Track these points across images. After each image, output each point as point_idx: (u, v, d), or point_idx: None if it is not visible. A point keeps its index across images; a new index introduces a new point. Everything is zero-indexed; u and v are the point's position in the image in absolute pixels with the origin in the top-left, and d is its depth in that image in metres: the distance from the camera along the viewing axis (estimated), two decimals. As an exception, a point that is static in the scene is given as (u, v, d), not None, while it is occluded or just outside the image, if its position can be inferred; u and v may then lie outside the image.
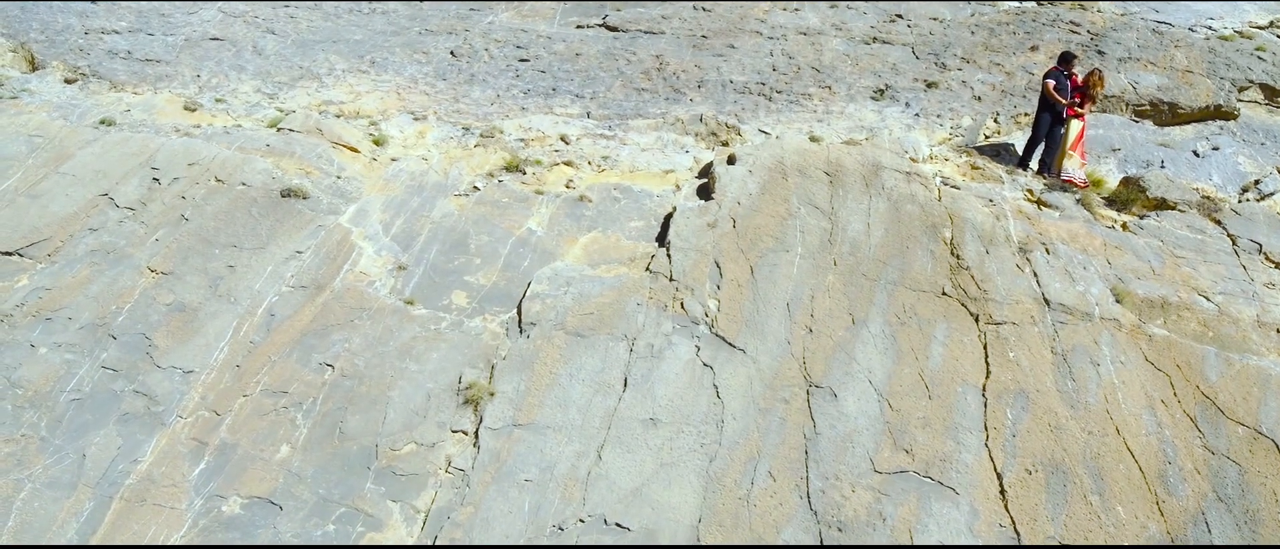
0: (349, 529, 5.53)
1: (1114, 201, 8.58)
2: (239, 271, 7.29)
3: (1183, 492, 5.77)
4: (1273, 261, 7.69)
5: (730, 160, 8.68)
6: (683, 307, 6.98)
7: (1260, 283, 7.36)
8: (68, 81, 10.64)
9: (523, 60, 12.05)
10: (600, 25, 13.25)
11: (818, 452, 5.96)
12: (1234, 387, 6.35)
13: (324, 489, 5.73)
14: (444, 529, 5.52)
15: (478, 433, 6.10)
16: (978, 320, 6.83)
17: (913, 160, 8.77)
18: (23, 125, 9.05)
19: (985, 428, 6.10)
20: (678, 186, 8.91)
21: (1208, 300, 7.09)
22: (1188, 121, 10.35)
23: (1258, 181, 9.34)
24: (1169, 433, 6.08)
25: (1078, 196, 8.55)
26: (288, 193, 8.11)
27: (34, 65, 11.20)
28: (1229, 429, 6.09)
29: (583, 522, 5.55)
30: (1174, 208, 8.34)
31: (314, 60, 11.78)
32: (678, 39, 12.59)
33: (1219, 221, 8.15)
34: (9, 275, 7.12)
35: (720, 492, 5.73)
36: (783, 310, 6.94)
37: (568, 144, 9.80)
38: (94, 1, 13.16)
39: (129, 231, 7.62)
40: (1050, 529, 5.56)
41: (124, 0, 13.25)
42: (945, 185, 8.49)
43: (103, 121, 9.40)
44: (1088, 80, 9.43)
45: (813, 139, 9.55)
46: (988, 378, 6.42)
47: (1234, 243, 7.87)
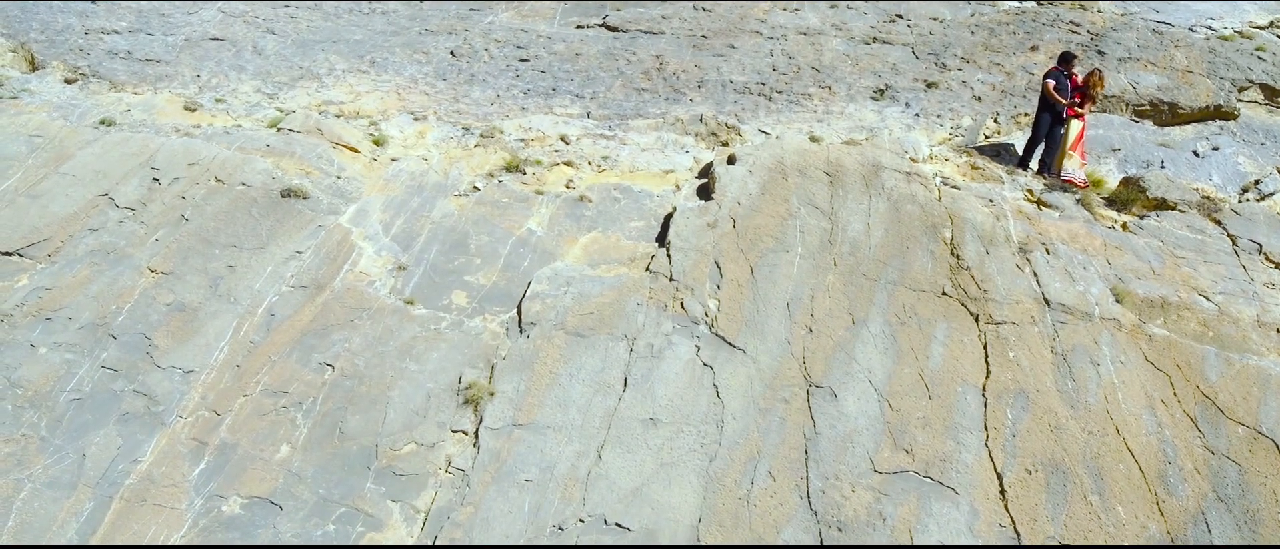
0: (349, 529, 5.54)
1: (1114, 201, 8.58)
2: (239, 271, 7.29)
3: (1183, 492, 5.77)
4: (1273, 262, 7.69)
5: (730, 160, 8.68)
6: (683, 306, 6.98)
7: (1260, 283, 7.36)
8: (68, 81, 10.64)
9: (523, 60, 12.05)
10: (600, 25, 13.25)
11: (818, 451, 5.96)
12: (1234, 387, 6.35)
13: (324, 489, 5.73)
14: (444, 529, 5.52)
15: (478, 433, 6.10)
16: (978, 320, 6.83)
17: (913, 160, 8.77)
18: (23, 125, 9.05)
19: (985, 428, 6.10)
20: (678, 186, 8.91)
21: (1208, 300, 7.09)
22: (1188, 121, 10.35)
23: (1258, 181, 9.34)
24: (1169, 433, 6.08)
25: (1078, 196, 8.55)
26: (288, 193, 8.11)
27: (34, 65, 11.20)
28: (1229, 429, 6.09)
29: (583, 522, 5.55)
30: (1174, 208, 8.34)
31: (314, 60, 11.78)
32: (678, 39, 12.59)
33: (1219, 221, 8.15)
34: (9, 275, 7.12)
35: (720, 492, 5.73)
36: (783, 310, 6.94)
37: (568, 144, 9.80)
38: (94, 1, 13.16)
39: (129, 231, 7.62)
40: (1050, 529, 5.56)
41: (124, 0, 13.26)
42: (945, 185, 8.49)
43: (103, 121, 9.41)
44: (1088, 80, 9.43)
45: (813, 139, 9.55)
46: (988, 378, 6.42)
47: (1234, 243, 7.87)
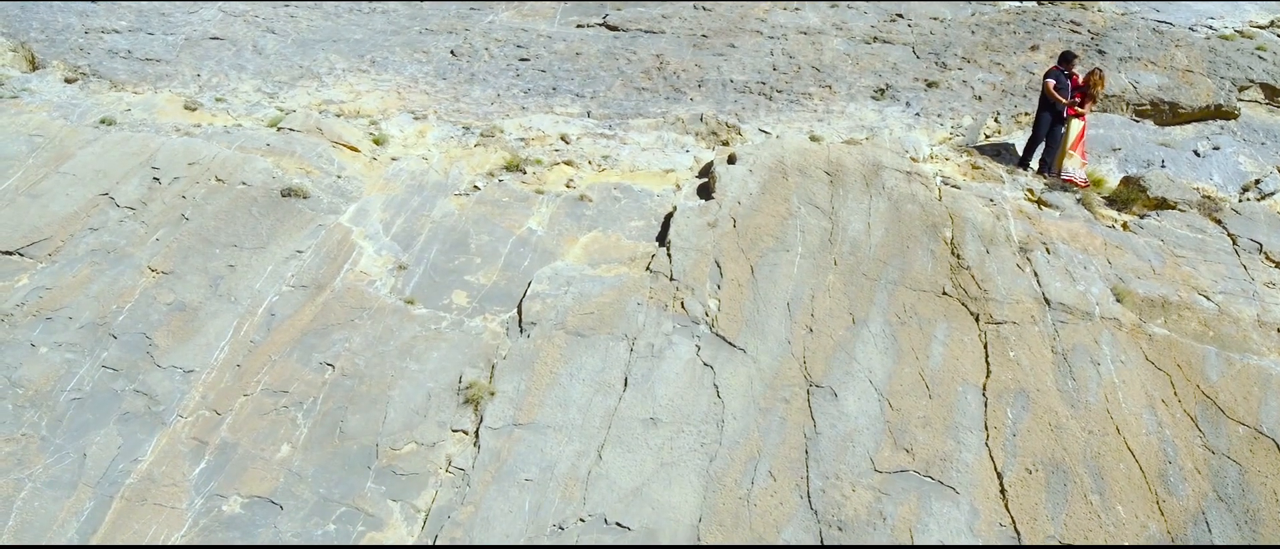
0: (349, 528, 5.54)
1: (1114, 201, 8.58)
2: (239, 271, 7.29)
3: (1183, 491, 5.77)
4: (1273, 261, 7.69)
5: (731, 160, 8.68)
6: (683, 306, 6.98)
7: (1261, 282, 7.35)
8: (68, 81, 10.64)
9: (523, 59, 12.05)
10: (600, 24, 13.25)
11: (818, 451, 5.96)
12: (1234, 386, 6.34)
13: (324, 488, 5.74)
14: (444, 528, 5.52)
15: (478, 432, 6.10)
16: (978, 320, 6.83)
17: (913, 160, 8.77)
18: (23, 125, 9.05)
19: (985, 427, 6.10)
20: (678, 186, 8.90)
21: (1208, 300, 7.08)
22: (1188, 121, 10.35)
23: (1258, 181, 9.34)
24: (1169, 432, 6.08)
25: (1078, 196, 8.55)
26: (288, 192, 8.11)
27: (34, 65, 11.20)
28: (1229, 429, 6.09)
29: (583, 521, 5.55)
30: (1174, 207, 8.34)
31: (314, 59, 11.78)
32: (678, 38, 12.59)
33: (1219, 221, 8.15)
34: (9, 275, 7.12)
35: (720, 491, 5.73)
36: (783, 310, 6.94)
37: (568, 143, 9.80)
38: (94, 1, 13.16)
39: (129, 231, 7.62)
40: (1050, 528, 5.56)
41: (124, 0, 13.25)
42: (946, 185, 8.49)
43: (103, 121, 9.41)
44: (1088, 80, 9.43)
45: (813, 138, 9.55)
46: (988, 377, 6.42)
47: (1234, 242, 7.87)
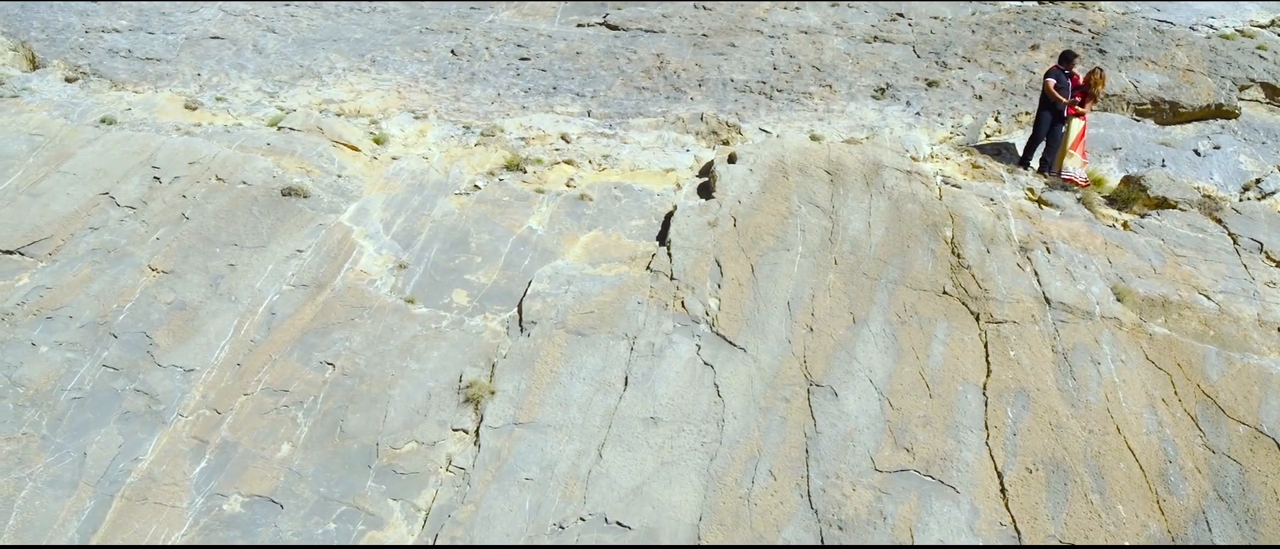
0: (350, 528, 5.54)
1: (1115, 200, 8.57)
2: (240, 270, 7.29)
3: (1183, 491, 5.77)
4: (1274, 260, 7.68)
5: (731, 159, 8.68)
6: (683, 305, 6.98)
7: (1261, 281, 7.35)
8: (68, 80, 10.64)
9: (523, 59, 12.05)
10: (601, 24, 13.25)
11: (818, 450, 5.96)
12: (1235, 385, 6.34)
13: (325, 487, 5.74)
14: (445, 528, 5.52)
15: (478, 431, 6.11)
16: (978, 319, 6.83)
17: (914, 159, 8.77)
18: (23, 124, 9.06)
19: (986, 427, 6.10)
20: (678, 185, 8.90)
21: (1208, 299, 7.08)
22: (1189, 120, 10.34)
23: (1259, 180, 9.33)
24: (1170, 432, 6.08)
25: (1079, 195, 8.55)
26: (288, 191, 8.11)
27: (34, 64, 11.20)
28: (1230, 428, 6.09)
29: (583, 520, 5.55)
30: (1175, 207, 8.33)
31: (314, 59, 11.78)
32: (678, 38, 12.59)
33: (1220, 220, 8.14)
34: (10, 274, 7.13)
35: (721, 490, 5.73)
36: (783, 309, 6.94)
37: (568, 143, 9.80)
38: (94, 0, 13.16)
39: (130, 230, 7.62)
40: (1051, 528, 5.56)
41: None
42: (946, 184, 8.48)
43: (103, 120, 9.41)
44: (1089, 79, 9.42)
45: (813, 138, 9.54)
46: (988, 376, 6.42)
47: (1235, 242, 7.87)
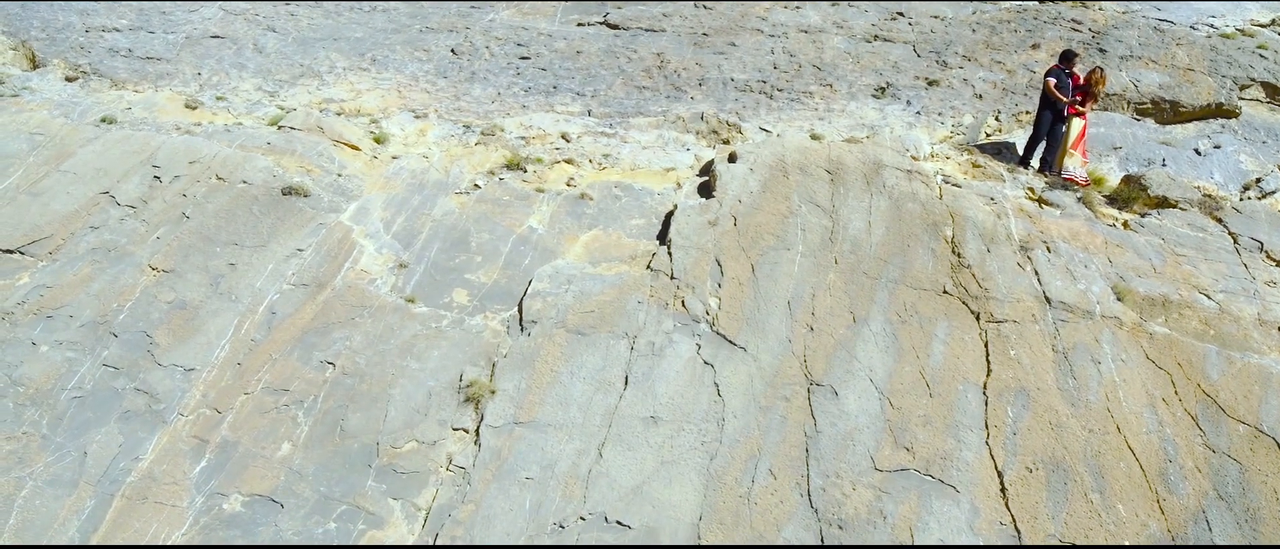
0: (350, 527, 5.54)
1: (1115, 200, 8.57)
2: (240, 269, 7.29)
3: (1183, 490, 5.77)
4: (1274, 259, 7.68)
5: (731, 158, 8.68)
6: (684, 305, 6.98)
7: (1261, 281, 7.35)
8: (69, 79, 10.64)
9: (524, 58, 12.04)
10: (601, 23, 13.24)
11: (819, 450, 5.96)
12: (1235, 385, 6.34)
13: (325, 487, 5.74)
14: (445, 527, 5.52)
15: (479, 431, 6.11)
16: (979, 318, 6.83)
17: (914, 158, 8.77)
18: (24, 123, 9.06)
19: (986, 426, 6.10)
20: (679, 184, 8.90)
21: (1209, 298, 7.08)
22: (1189, 120, 10.34)
23: (1259, 179, 9.33)
24: (1170, 431, 6.08)
25: (1079, 195, 8.54)
26: (289, 191, 8.11)
27: (35, 63, 11.20)
28: (1230, 427, 6.09)
29: (583, 520, 5.55)
30: (1175, 206, 8.33)
31: (315, 58, 11.78)
32: (679, 37, 12.58)
33: (1220, 220, 8.14)
34: (10, 273, 7.13)
35: (721, 490, 5.73)
36: (784, 308, 6.94)
37: (569, 142, 9.80)
38: (95, 0, 13.16)
39: (130, 229, 7.63)
40: (1051, 527, 5.56)
41: (125, -2, 13.26)
42: (946, 183, 8.48)
43: (104, 119, 9.41)
44: (1089, 78, 9.42)
45: (814, 137, 9.54)
46: (989, 376, 6.42)
47: (1235, 241, 7.86)
